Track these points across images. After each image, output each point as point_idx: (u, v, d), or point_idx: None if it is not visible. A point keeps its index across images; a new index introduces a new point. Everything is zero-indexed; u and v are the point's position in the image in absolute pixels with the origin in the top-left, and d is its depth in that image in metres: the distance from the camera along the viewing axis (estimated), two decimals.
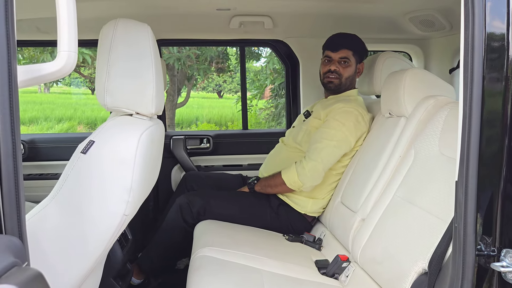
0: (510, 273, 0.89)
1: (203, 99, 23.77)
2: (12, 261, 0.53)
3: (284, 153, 2.21)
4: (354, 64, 2.15)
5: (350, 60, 2.13)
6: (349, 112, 2.00)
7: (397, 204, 1.52)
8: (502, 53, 0.89)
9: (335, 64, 2.13)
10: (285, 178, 2.00)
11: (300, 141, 2.15)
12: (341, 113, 2.00)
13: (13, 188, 0.70)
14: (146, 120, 1.17)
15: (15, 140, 0.68)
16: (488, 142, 0.91)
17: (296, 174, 1.97)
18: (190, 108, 16.27)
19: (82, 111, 14.83)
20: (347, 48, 2.12)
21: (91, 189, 1.00)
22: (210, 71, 9.40)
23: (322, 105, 2.17)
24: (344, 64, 2.13)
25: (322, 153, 1.95)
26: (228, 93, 25.66)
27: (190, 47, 7.47)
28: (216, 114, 15.12)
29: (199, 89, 27.09)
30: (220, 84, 26.51)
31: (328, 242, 1.95)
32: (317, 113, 2.15)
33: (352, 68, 2.14)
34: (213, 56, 8.00)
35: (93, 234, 1.01)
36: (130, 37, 1.15)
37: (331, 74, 2.14)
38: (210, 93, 29.13)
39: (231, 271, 1.48)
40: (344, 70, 2.13)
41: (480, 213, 0.93)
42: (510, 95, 0.89)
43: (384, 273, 1.40)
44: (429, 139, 1.52)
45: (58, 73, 0.84)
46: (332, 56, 2.15)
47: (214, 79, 23.79)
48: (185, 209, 2.02)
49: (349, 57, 2.12)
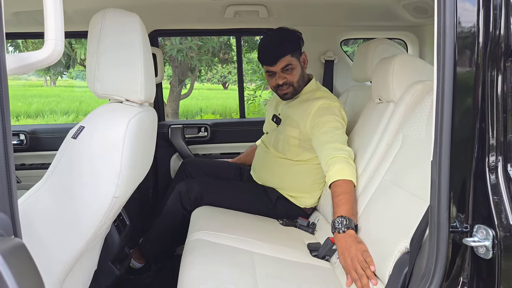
0: (481, 248, 0.93)
1: (208, 91, 23.79)
2: None
3: (270, 159, 2.16)
4: (298, 62, 2.04)
5: (292, 64, 2.01)
6: (331, 107, 1.96)
7: (385, 188, 1.56)
8: (473, 38, 0.92)
9: (281, 76, 2.03)
10: (352, 177, 1.71)
11: (282, 150, 2.10)
12: (324, 109, 1.96)
13: (3, 168, 0.75)
14: (136, 107, 1.21)
15: (4, 119, 0.72)
16: (460, 124, 0.94)
17: (352, 168, 1.74)
18: (194, 100, 16.33)
19: (88, 104, 14.93)
20: (283, 56, 1.99)
21: (82, 172, 1.05)
22: (213, 62, 9.42)
23: (289, 108, 2.11)
24: (289, 71, 2.02)
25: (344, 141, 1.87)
26: (233, 85, 25.62)
27: (192, 39, 7.49)
28: (220, 105, 15.17)
29: (204, 81, 27.05)
30: (225, 76, 26.46)
31: (321, 227, 2.00)
32: (289, 120, 2.08)
33: (297, 68, 2.04)
34: (215, 47, 8.01)
35: (84, 215, 1.06)
36: (118, 26, 1.19)
37: (282, 87, 2.05)
38: (215, 85, 29.08)
39: (223, 253, 1.53)
40: (291, 76, 2.03)
41: (453, 191, 0.97)
42: (481, 79, 0.92)
43: (371, 253, 1.44)
44: (417, 123, 1.55)
45: (45, 60, 0.88)
46: (273, 70, 2.03)
47: (218, 71, 23.75)
48: (184, 196, 2.07)
49: (291, 62, 2.01)
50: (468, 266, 0.95)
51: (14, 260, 0.54)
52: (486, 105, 0.92)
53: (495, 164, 0.93)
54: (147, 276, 2.16)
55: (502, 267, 0.90)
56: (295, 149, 2.06)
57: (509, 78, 0.90)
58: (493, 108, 0.92)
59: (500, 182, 0.93)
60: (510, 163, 0.93)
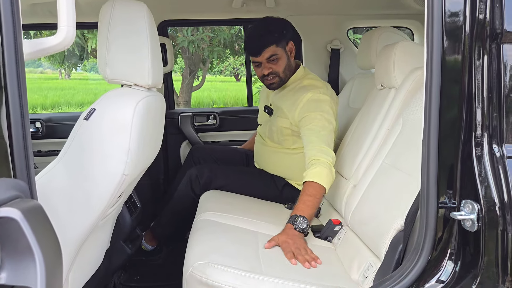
0: (467, 221, 0.98)
1: (220, 83, 23.84)
2: (17, 194, 0.65)
3: (272, 155, 2.21)
4: (283, 52, 2.03)
5: (277, 54, 2.01)
6: (320, 101, 1.96)
7: (384, 170, 1.61)
8: (460, 22, 0.96)
9: (266, 66, 2.04)
10: (325, 183, 1.76)
11: (278, 141, 2.14)
12: (314, 103, 1.96)
13: (21, 145, 0.83)
14: (144, 91, 1.28)
15: (21, 98, 0.79)
16: (448, 104, 0.99)
17: (330, 175, 1.78)
18: (207, 92, 16.43)
19: (94, 94, 15.13)
20: (267, 46, 1.99)
21: (93, 151, 1.13)
22: (224, 54, 9.46)
23: (279, 98, 2.13)
24: (273, 61, 2.03)
25: (329, 143, 1.89)
26: None
27: (203, 30, 7.55)
28: (233, 97, 15.23)
29: (216, 73, 27.09)
30: (238, 68, 26.44)
31: (325, 210, 2.06)
32: (280, 111, 2.10)
33: (283, 58, 2.04)
34: (226, 38, 8.05)
35: (95, 191, 1.14)
36: (127, 14, 1.26)
37: (267, 77, 2.06)
38: (227, 77, 29.11)
39: (228, 231, 1.60)
40: (277, 66, 2.04)
41: (441, 169, 1.02)
42: (467, 61, 0.96)
43: (369, 232, 1.50)
44: (416, 108, 1.59)
45: (58, 46, 0.95)
46: (259, 60, 2.04)
47: (231, 63, 23.74)
48: (194, 181, 2.15)
49: (275, 52, 2.01)
50: (455, 238, 1.01)
51: (33, 218, 0.61)
52: (472, 85, 0.96)
53: (481, 142, 0.98)
54: (158, 257, 2.25)
55: (486, 238, 0.95)
56: (290, 138, 2.10)
57: (494, 59, 0.95)
58: (479, 88, 0.96)
59: (486, 159, 0.98)
60: (495, 141, 0.98)
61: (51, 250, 0.63)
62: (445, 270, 0.98)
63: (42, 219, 0.64)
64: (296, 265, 1.42)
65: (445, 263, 0.99)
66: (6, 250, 0.60)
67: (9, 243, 0.60)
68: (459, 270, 0.98)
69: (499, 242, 0.94)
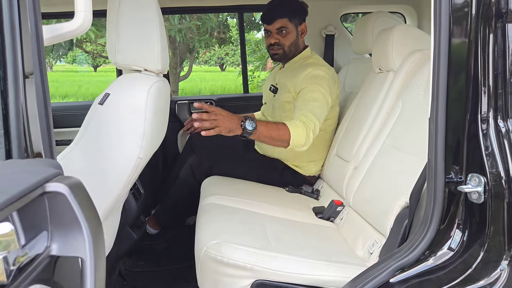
0: (474, 194, 1.03)
1: (205, 73, 23.72)
2: (58, 171, 0.67)
3: None
4: (294, 29, 2.13)
5: (288, 28, 2.12)
6: (319, 77, 2.01)
7: (385, 151, 1.66)
8: (467, 4, 1.00)
9: (274, 36, 2.14)
10: (294, 137, 1.79)
11: (279, 118, 2.19)
12: (312, 77, 2.01)
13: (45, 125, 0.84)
14: (154, 76, 1.30)
15: (43, 81, 0.81)
16: (455, 82, 1.03)
17: (304, 136, 1.81)
18: (193, 82, 16.34)
19: (87, 88, 14.94)
20: (281, 18, 2.10)
21: (109, 135, 1.15)
22: (211, 42, 9.42)
23: (284, 76, 2.19)
24: (283, 33, 2.12)
25: (317, 114, 1.91)
26: (231, 66, 25.52)
27: (190, 19, 7.50)
28: (219, 86, 15.20)
29: (201, 63, 26.84)
30: (223, 57, 26.29)
31: (325, 192, 2.11)
32: (284, 87, 2.16)
33: (292, 34, 2.13)
34: (214, 27, 8.01)
35: (112, 175, 1.16)
36: (136, 1, 1.27)
37: (273, 46, 2.15)
38: (212, 67, 28.89)
39: (235, 213, 1.64)
40: (284, 39, 2.13)
41: (449, 145, 1.07)
42: (474, 39, 1.01)
43: (373, 210, 1.55)
44: (416, 90, 1.64)
45: (76, 31, 0.97)
46: (269, 29, 2.15)
47: (216, 52, 23.55)
48: (196, 168, 2.18)
49: (286, 25, 2.11)
50: (462, 211, 1.06)
51: (77, 192, 0.64)
52: (478, 63, 1.00)
53: (487, 117, 1.03)
54: (162, 241, 2.29)
55: (492, 209, 1.00)
56: (291, 114, 2.08)
57: (499, 38, 0.99)
58: (485, 66, 1.00)
59: (491, 134, 1.03)
60: (500, 116, 1.03)
61: (94, 222, 0.65)
62: (453, 240, 1.04)
63: (84, 193, 0.66)
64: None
65: (454, 233, 1.04)
66: (55, 223, 0.63)
67: (57, 216, 0.63)
68: (467, 239, 1.03)
69: (505, 213, 1.00)
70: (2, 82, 0.71)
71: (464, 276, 0.99)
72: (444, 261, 1.03)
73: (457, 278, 1.00)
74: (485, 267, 0.98)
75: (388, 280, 1.09)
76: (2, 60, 0.72)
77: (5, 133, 0.71)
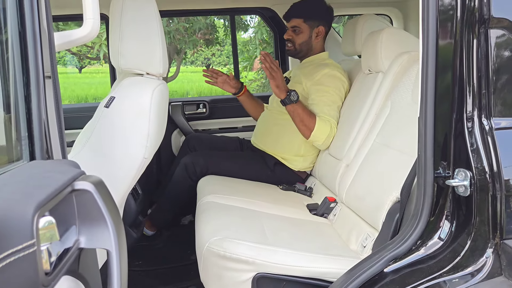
0: (461, 187, 1.10)
1: (192, 74, 23.64)
2: (82, 171, 0.72)
3: (270, 120, 2.39)
4: (307, 30, 2.31)
5: (300, 28, 2.30)
6: (336, 77, 2.20)
7: (376, 149, 1.73)
8: (452, 9, 1.07)
9: (288, 32, 2.34)
10: (316, 131, 2.06)
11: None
12: (329, 77, 2.19)
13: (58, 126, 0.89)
14: (155, 80, 1.35)
15: (56, 87, 0.85)
16: (442, 83, 1.10)
17: (326, 135, 2.08)
18: (180, 83, 16.31)
19: (72, 90, 14.80)
20: (296, 17, 2.30)
21: (116, 136, 1.19)
22: (199, 43, 9.46)
23: (300, 70, 2.35)
24: (296, 32, 2.31)
25: (336, 117, 2.14)
26: (217, 67, 25.49)
27: (178, 21, 7.53)
28: (206, 87, 15.18)
29: (187, 63, 26.74)
30: (209, 58, 26.25)
31: (318, 190, 2.18)
32: (297, 78, 2.32)
33: (304, 34, 2.31)
34: (202, 28, 8.05)
35: (118, 175, 1.21)
36: (137, 6, 1.31)
37: (287, 42, 2.36)
38: (199, 67, 28.78)
39: (233, 211, 1.70)
40: (296, 37, 2.32)
41: (437, 142, 1.14)
42: (459, 44, 1.08)
43: (365, 206, 1.62)
44: (404, 90, 1.72)
45: (86, 37, 1.01)
46: (287, 26, 2.37)
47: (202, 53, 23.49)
48: (190, 168, 2.23)
49: (300, 25, 2.30)
50: (450, 203, 1.13)
51: (101, 189, 0.69)
52: (463, 66, 1.08)
53: (472, 116, 1.10)
54: (159, 242, 2.33)
55: (478, 202, 1.08)
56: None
57: (482, 42, 1.07)
58: (469, 69, 1.08)
59: (476, 131, 1.10)
60: (484, 115, 1.10)
61: (117, 216, 0.71)
62: (443, 230, 1.11)
63: (106, 190, 0.71)
64: None
65: (443, 224, 1.11)
66: (81, 218, 0.68)
67: (84, 212, 0.68)
68: (455, 229, 1.10)
69: (489, 205, 1.07)
70: (25, 88, 0.76)
71: (453, 264, 1.07)
72: (435, 251, 1.10)
73: (446, 266, 1.07)
74: (472, 254, 1.05)
75: (382, 270, 1.16)
76: (25, 66, 0.76)
77: (29, 136, 0.76)
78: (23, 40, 0.77)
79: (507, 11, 1.08)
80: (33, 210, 0.51)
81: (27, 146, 0.76)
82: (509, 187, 1.08)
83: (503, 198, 1.06)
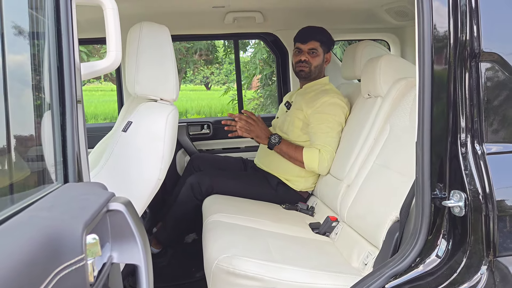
0: (456, 208, 1.18)
1: (191, 92, 23.83)
2: (112, 192, 0.80)
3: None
4: (322, 54, 2.43)
5: (318, 51, 2.41)
6: (336, 104, 2.29)
7: (376, 170, 1.82)
8: (446, 42, 1.17)
9: (305, 54, 2.41)
10: (306, 161, 2.22)
11: (286, 131, 2.42)
12: (329, 105, 2.28)
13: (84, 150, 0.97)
14: (168, 105, 1.44)
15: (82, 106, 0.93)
16: (437, 111, 1.19)
17: (317, 161, 2.20)
18: (179, 101, 16.42)
19: None
20: (314, 40, 2.40)
21: (132, 159, 1.27)
22: (199, 63, 9.63)
23: (300, 96, 2.44)
24: (313, 54, 2.40)
25: (333, 143, 2.23)
26: (216, 85, 25.72)
27: (180, 41, 7.69)
28: (205, 105, 15.33)
29: (186, 82, 26.89)
30: (208, 76, 26.47)
31: (319, 209, 2.25)
32: (298, 104, 2.40)
33: (320, 57, 2.43)
34: (202, 48, 8.22)
35: (135, 195, 1.28)
36: (153, 36, 1.41)
37: (302, 63, 2.42)
38: (197, 86, 28.97)
39: (239, 230, 1.76)
40: (313, 59, 2.41)
41: (433, 165, 1.22)
42: (452, 75, 1.17)
43: (366, 225, 1.69)
44: (402, 114, 1.81)
45: (109, 67, 1.10)
46: (302, 48, 2.42)
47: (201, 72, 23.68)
48: (196, 187, 2.31)
49: (317, 48, 2.41)
50: (446, 223, 1.21)
51: (130, 209, 0.77)
52: (457, 96, 1.17)
53: (465, 142, 1.19)
54: (163, 259, 2.39)
55: (472, 221, 1.15)
56: (298, 131, 2.36)
57: (474, 75, 1.16)
58: (462, 98, 1.17)
59: (470, 156, 1.19)
60: (477, 141, 1.19)
61: (144, 234, 0.78)
62: (440, 248, 1.18)
63: (134, 210, 0.79)
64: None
65: (440, 242, 1.19)
66: (114, 236, 0.75)
67: (116, 230, 0.75)
68: (451, 247, 1.18)
69: (483, 224, 1.15)
70: (61, 117, 0.84)
71: (450, 280, 1.14)
72: (433, 268, 1.17)
73: (444, 282, 1.14)
74: (468, 271, 1.13)
75: (384, 286, 1.22)
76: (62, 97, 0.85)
77: (64, 160, 0.84)
78: (60, 74, 0.85)
79: (496, 45, 1.17)
80: (81, 229, 0.59)
81: (61, 170, 0.84)
82: (501, 207, 1.16)
83: (495, 218, 1.14)
